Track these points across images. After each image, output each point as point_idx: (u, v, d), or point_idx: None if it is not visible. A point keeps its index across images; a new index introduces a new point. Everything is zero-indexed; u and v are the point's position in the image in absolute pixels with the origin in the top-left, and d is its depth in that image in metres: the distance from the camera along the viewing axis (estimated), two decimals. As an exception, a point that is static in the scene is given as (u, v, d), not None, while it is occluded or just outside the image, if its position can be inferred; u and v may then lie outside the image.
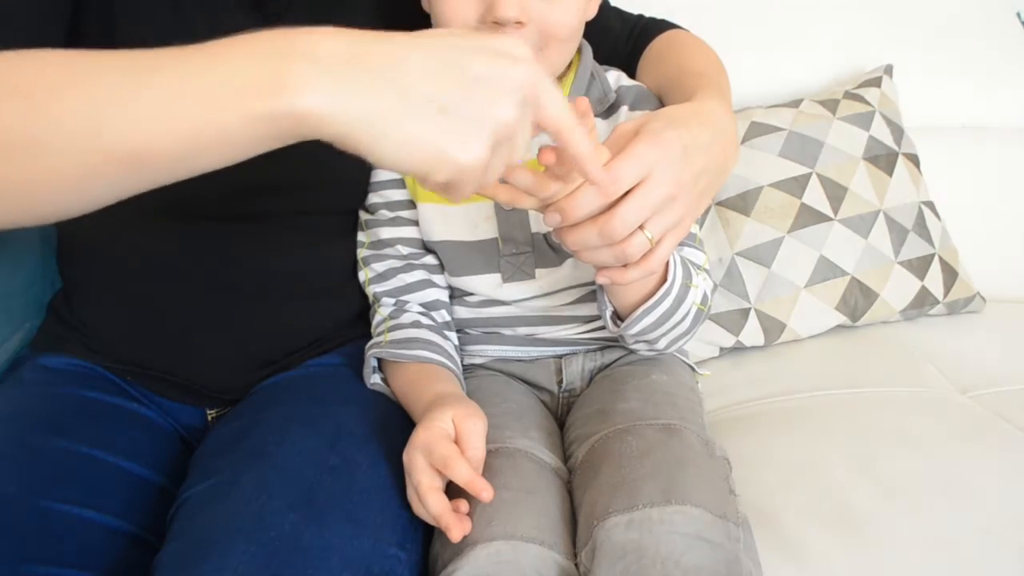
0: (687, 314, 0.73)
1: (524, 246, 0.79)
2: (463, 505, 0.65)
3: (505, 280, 0.81)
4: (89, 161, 0.45)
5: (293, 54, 0.45)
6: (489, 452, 0.69)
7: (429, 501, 0.63)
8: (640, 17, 0.91)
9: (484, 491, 0.63)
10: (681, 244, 0.77)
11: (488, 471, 0.67)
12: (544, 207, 0.61)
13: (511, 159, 0.50)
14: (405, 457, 0.67)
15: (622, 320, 0.74)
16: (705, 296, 0.75)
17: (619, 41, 0.89)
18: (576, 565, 0.64)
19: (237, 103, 0.44)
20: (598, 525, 0.62)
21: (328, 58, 0.45)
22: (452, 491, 0.66)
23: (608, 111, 0.80)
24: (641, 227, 0.62)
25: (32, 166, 0.45)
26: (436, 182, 0.47)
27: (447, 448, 0.64)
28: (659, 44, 0.86)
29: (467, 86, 0.46)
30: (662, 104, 0.80)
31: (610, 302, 0.73)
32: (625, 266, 0.64)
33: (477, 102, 0.46)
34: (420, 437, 0.66)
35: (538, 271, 0.80)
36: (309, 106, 0.44)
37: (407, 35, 0.48)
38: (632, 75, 0.85)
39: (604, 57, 0.84)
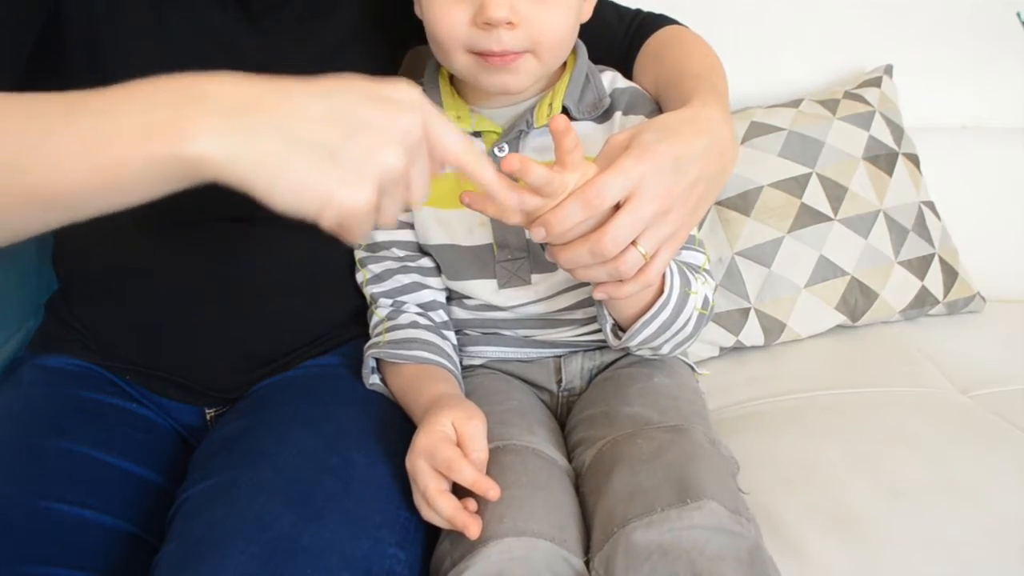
0: (688, 320, 0.73)
1: (519, 252, 0.79)
2: (471, 503, 0.65)
3: (501, 286, 0.80)
4: (6, 200, 0.47)
5: (188, 101, 0.46)
6: (498, 449, 0.69)
7: (439, 504, 0.63)
8: (638, 12, 0.90)
9: (491, 490, 0.63)
10: None
11: (497, 468, 0.67)
12: (530, 222, 0.61)
13: (409, 198, 0.52)
14: (408, 464, 0.67)
15: (623, 331, 0.73)
16: (706, 299, 0.75)
17: (616, 37, 0.87)
18: (587, 565, 0.63)
19: (137, 147, 0.45)
20: (618, 532, 0.62)
21: (221, 105, 0.47)
22: (455, 492, 0.66)
23: (603, 116, 0.79)
24: (634, 243, 0.61)
25: None
26: (327, 223, 0.49)
27: (449, 452, 0.64)
28: (656, 41, 0.85)
29: (352, 132, 0.48)
30: (658, 104, 0.79)
31: (609, 315, 0.73)
32: (621, 281, 0.64)
33: (362, 147, 0.48)
34: (421, 443, 0.66)
35: (534, 276, 0.80)
36: (202, 151, 0.45)
37: (302, 82, 0.49)
38: (629, 72, 0.84)
39: (601, 54, 0.83)
